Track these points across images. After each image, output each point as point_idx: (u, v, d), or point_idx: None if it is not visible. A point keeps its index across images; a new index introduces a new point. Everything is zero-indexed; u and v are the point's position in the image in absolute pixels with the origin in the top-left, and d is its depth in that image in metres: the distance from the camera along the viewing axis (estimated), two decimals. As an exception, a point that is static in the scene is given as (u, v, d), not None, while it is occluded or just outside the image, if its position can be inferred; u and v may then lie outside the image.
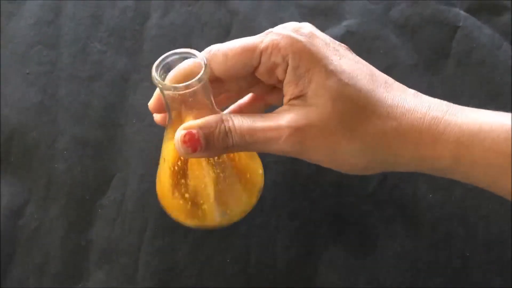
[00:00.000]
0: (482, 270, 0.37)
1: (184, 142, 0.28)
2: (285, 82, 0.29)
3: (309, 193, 0.39)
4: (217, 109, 0.31)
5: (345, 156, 0.28)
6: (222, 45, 0.30)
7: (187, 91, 0.27)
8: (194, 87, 0.27)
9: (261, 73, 0.30)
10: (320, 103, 0.28)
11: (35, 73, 0.42)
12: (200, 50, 0.43)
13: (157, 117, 0.35)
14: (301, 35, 0.29)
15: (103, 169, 0.40)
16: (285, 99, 0.29)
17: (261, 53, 0.29)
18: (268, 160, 0.40)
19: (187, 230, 0.38)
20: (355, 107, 0.28)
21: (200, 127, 0.28)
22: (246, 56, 0.29)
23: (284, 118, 0.28)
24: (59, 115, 0.41)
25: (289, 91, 0.29)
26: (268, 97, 0.34)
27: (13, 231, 0.38)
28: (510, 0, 0.46)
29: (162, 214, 0.38)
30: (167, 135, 0.32)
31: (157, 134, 0.33)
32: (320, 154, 0.29)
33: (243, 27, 0.44)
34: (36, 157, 0.40)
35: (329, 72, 0.28)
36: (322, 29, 0.44)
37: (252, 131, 0.28)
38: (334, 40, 0.31)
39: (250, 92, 0.34)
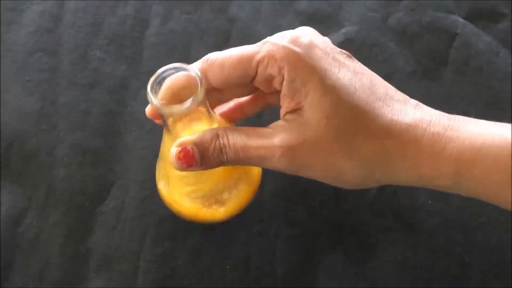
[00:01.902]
0: (482, 277, 0.37)
1: (179, 158, 0.28)
2: (281, 94, 0.28)
3: (308, 201, 0.39)
4: (214, 114, 0.30)
5: (341, 173, 0.28)
6: (219, 54, 0.29)
7: (183, 111, 0.27)
8: (190, 108, 0.27)
9: (258, 82, 0.29)
10: (315, 120, 0.27)
11: (35, 80, 0.42)
12: (199, 57, 0.43)
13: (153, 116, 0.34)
14: (298, 46, 0.28)
15: (103, 176, 0.40)
16: (282, 112, 0.29)
17: (257, 63, 0.28)
18: (266, 169, 0.40)
19: (187, 237, 0.38)
20: (352, 124, 0.27)
21: (195, 144, 0.28)
22: (242, 66, 0.28)
23: (278, 136, 0.27)
24: (59, 122, 0.41)
25: (285, 103, 0.28)
26: (269, 98, 0.33)
27: (12, 238, 0.38)
28: (508, 7, 0.46)
29: (162, 221, 0.38)
30: (164, 138, 0.32)
31: (157, 141, 0.33)
32: (314, 171, 0.28)
33: (242, 34, 0.44)
34: (36, 164, 0.40)
35: (326, 87, 0.27)
36: (321, 37, 0.45)
37: (246, 149, 0.28)
38: (335, 47, 0.30)
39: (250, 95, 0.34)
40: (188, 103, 0.26)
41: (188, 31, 0.45)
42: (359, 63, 0.30)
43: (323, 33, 0.45)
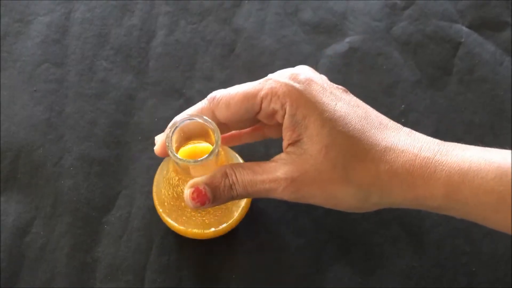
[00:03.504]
0: (488, 285, 0.37)
1: (193, 198, 0.31)
2: (283, 127, 0.31)
3: (313, 211, 0.39)
4: (220, 150, 0.33)
5: (340, 199, 0.30)
6: (224, 92, 0.31)
7: (201, 163, 0.30)
8: (208, 160, 0.30)
9: (262, 116, 0.32)
10: (314, 151, 0.29)
11: (42, 90, 0.43)
12: (204, 67, 0.44)
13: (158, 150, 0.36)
14: (298, 82, 0.30)
15: (109, 186, 0.40)
16: (284, 144, 0.31)
17: (261, 100, 0.30)
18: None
19: (193, 248, 0.38)
20: (348, 153, 0.29)
21: (207, 184, 0.31)
22: (247, 103, 0.31)
23: (281, 170, 0.30)
24: (66, 133, 0.41)
25: (287, 136, 0.31)
26: (266, 131, 0.36)
27: (19, 248, 0.38)
28: (511, 16, 0.46)
29: (168, 231, 0.38)
30: (168, 167, 0.35)
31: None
32: (316, 199, 0.31)
33: (247, 45, 0.45)
34: (43, 174, 0.40)
35: (324, 120, 0.29)
36: (326, 46, 0.45)
37: (253, 183, 0.30)
38: (331, 83, 0.32)
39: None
40: (206, 157, 0.30)
41: (194, 41, 0.45)
42: (355, 97, 0.32)
43: (328, 42, 0.46)
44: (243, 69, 0.44)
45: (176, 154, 0.30)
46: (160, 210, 0.36)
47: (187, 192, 0.31)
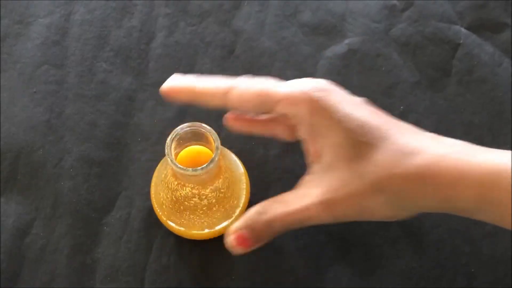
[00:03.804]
0: (488, 286, 0.37)
1: (238, 245, 0.30)
2: (303, 138, 0.30)
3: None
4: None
5: (374, 210, 0.29)
6: (242, 84, 0.31)
7: (201, 173, 0.30)
8: (207, 170, 0.30)
9: (275, 117, 0.32)
10: (338, 164, 0.28)
11: (42, 92, 0.43)
12: (204, 68, 0.44)
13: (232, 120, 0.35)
14: (318, 91, 0.29)
15: (109, 187, 0.40)
16: (307, 160, 0.31)
17: (276, 103, 0.30)
18: (272, 178, 0.40)
19: (192, 249, 0.38)
20: (373, 163, 0.28)
21: (245, 228, 0.30)
22: (260, 102, 0.30)
23: (311, 194, 0.29)
24: (66, 134, 0.42)
25: (308, 149, 0.30)
26: (279, 131, 0.35)
27: (19, 249, 0.38)
28: (510, 17, 0.47)
29: (167, 232, 0.38)
30: (166, 169, 0.35)
31: (162, 152, 0.33)
32: (349, 216, 0.30)
33: (247, 46, 0.45)
34: (43, 175, 0.40)
35: (344, 131, 0.28)
36: (325, 48, 0.45)
37: (288, 217, 0.30)
38: (352, 95, 0.31)
39: None
40: (206, 166, 0.30)
41: (193, 43, 0.45)
42: (374, 108, 0.31)
43: (327, 44, 0.46)
44: (242, 70, 0.44)
45: (176, 163, 0.30)
46: (159, 212, 0.36)
47: (229, 240, 0.31)
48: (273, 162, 0.41)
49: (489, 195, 0.27)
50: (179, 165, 0.30)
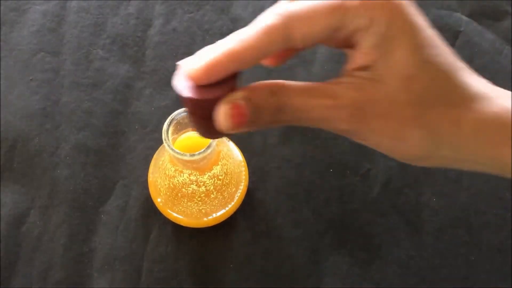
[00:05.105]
0: (488, 275, 0.37)
1: (232, 116, 0.23)
2: (359, 47, 0.24)
3: (312, 200, 0.39)
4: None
5: (405, 142, 0.24)
6: (298, 4, 0.23)
7: (198, 158, 0.30)
8: (204, 155, 0.30)
9: (335, 37, 0.24)
10: (393, 80, 0.24)
11: (38, 80, 0.42)
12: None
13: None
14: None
15: (106, 176, 0.40)
16: (348, 67, 0.25)
17: (347, 12, 0.23)
18: (271, 166, 0.40)
19: (190, 238, 0.38)
20: (433, 91, 0.24)
21: (250, 99, 0.23)
22: (334, 18, 0.23)
23: (345, 94, 0.24)
24: (62, 122, 0.41)
25: (357, 58, 0.24)
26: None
27: (15, 238, 0.38)
28: (511, 5, 0.46)
29: (165, 221, 0.38)
30: (164, 155, 0.35)
31: (160, 140, 0.32)
32: (377, 137, 0.25)
33: (245, 33, 0.44)
34: (39, 164, 0.40)
35: (416, 46, 0.23)
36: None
37: (308, 108, 0.24)
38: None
39: None
40: (203, 151, 0.30)
41: (191, 30, 0.45)
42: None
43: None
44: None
45: (173, 148, 0.30)
46: (156, 199, 0.36)
47: (223, 109, 0.23)
48: (272, 150, 0.41)
49: None
50: (176, 150, 0.29)
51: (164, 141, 0.30)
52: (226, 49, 0.22)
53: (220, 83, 0.22)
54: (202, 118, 0.24)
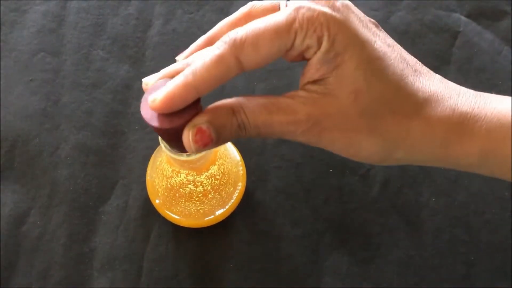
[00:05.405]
0: (487, 275, 0.37)
1: (195, 141, 0.25)
2: (309, 63, 0.26)
3: (311, 200, 0.39)
4: None
5: (361, 149, 0.27)
6: (246, 31, 0.25)
7: (195, 159, 0.30)
8: (204, 153, 0.30)
9: (289, 55, 0.26)
10: (342, 94, 0.25)
11: (38, 80, 0.43)
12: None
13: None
14: (337, 10, 0.25)
15: (106, 176, 0.40)
16: (303, 81, 0.27)
17: (295, 34, 0.25)
18: (270, 166, 0.40)
19: (190, 237, 0.38)
20: (381, 102, 0.26)
21: (210, 123, 0.25)
22: (280, 41, 0.24)
23: (301, 110, 0.25)
24: (62, 122, 0.41)
25: (309, 72, 0.26)
26: None
27: (16, 238, 0.38)
28: (510, 5, 0.46)
29: (165, 221, 0.38)
30: (162, 157, 0.35)
31: (159, 141, 0.33)
32: (336, 147, 0.27)
33: (245, 34, 0.44)
34: (39, 164, 0.40)
35: (361, 60, 0.25)
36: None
37: (267, 124, 0.26)
38: (364, 15, 0.27)
39: None
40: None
41: (191, 31, 0.45)
42: (387, 34, 0.28)
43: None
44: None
45: (170, 148, 0.30)
46: (154, 200, 0.36)
47: (187, 134, 0.25)
48: (271, 150, 0.41)
49: (493, 152, 0.26)
50: (173, 150, 0.30)
51: (160, 142, 0.30)
52: (182, 83, 0.24)
53: (184, 109, 0.25)
54: (172, 141, 0.27)
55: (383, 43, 0.26)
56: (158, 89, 0.25)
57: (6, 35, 0.44)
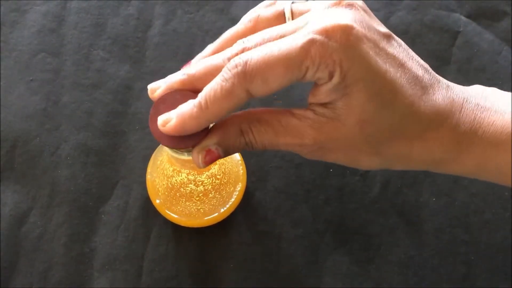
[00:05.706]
0: (487, 275, 0.37)
1: (205, 163, 0.27)
2: (319, 90, 0.26)
3: (311, 200, 0.39)
4: None
5: (364, 165, 0.29)
6: (255, 61, 0.25)
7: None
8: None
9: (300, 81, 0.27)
10: (349, 122, 0.26)
11: (38, 80, 0.43)
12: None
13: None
14: (351, 47, 0.25)
15: (107, 176, 0.40)
16: (310, 100, 0.27)
17: (306, 69, 0.25)
18: (271, 166, 0.40)
19: (190, 237, 0.38)
20: (386, 132, 0.27)
21: (219, 144, 0.27)
22: (291, 75, 0.25)
23: (308, 134, 0.26)
24: (63, 123, 0.41)
25: (318, 96, 0.26)
26: None
27: (16, 238, 0.38)
28: (510, 5, 0.46)
29: (165, 221, 0.38)
30: (163, 157, 0.35)
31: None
32: (338, 161, 0.29)
33: (245, 34, 0.44)
34: (40, 164, 0.40)
35: (371, 93, 0.25)
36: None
37: (274, 145, 0.27)
38: (376, 29, 0.26)
39: None
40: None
41: (191, 31, 0.45)
42: (398, 47, 0.27)
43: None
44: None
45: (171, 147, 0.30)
46: (155, 200, 0.36)
47: (197, 155, 0.27)
48: (271, 150, 0.41)
49: (487, 165, 0.27)
50: (175, 149, 0.30)
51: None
52: (195, 115, 0.26)
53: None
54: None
55: (395, 66, 0.26)
56: (167, 105, 0.26)
57: (7, 35, 0.44)
